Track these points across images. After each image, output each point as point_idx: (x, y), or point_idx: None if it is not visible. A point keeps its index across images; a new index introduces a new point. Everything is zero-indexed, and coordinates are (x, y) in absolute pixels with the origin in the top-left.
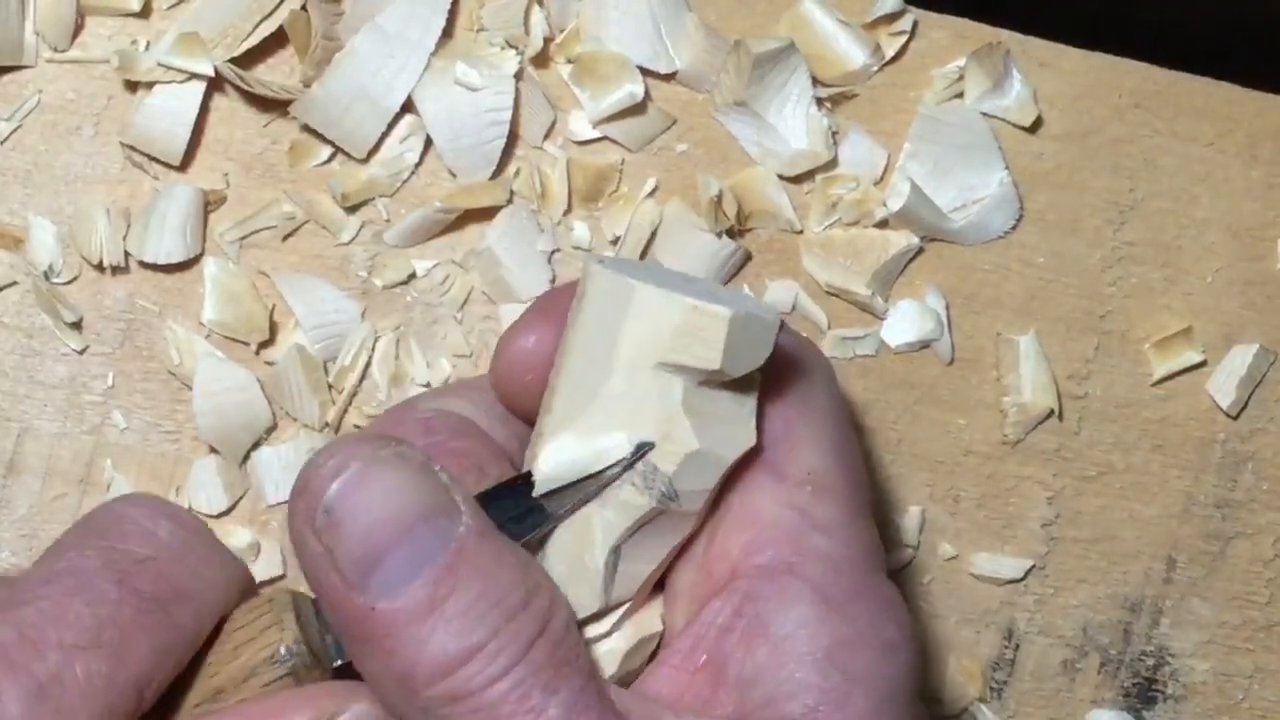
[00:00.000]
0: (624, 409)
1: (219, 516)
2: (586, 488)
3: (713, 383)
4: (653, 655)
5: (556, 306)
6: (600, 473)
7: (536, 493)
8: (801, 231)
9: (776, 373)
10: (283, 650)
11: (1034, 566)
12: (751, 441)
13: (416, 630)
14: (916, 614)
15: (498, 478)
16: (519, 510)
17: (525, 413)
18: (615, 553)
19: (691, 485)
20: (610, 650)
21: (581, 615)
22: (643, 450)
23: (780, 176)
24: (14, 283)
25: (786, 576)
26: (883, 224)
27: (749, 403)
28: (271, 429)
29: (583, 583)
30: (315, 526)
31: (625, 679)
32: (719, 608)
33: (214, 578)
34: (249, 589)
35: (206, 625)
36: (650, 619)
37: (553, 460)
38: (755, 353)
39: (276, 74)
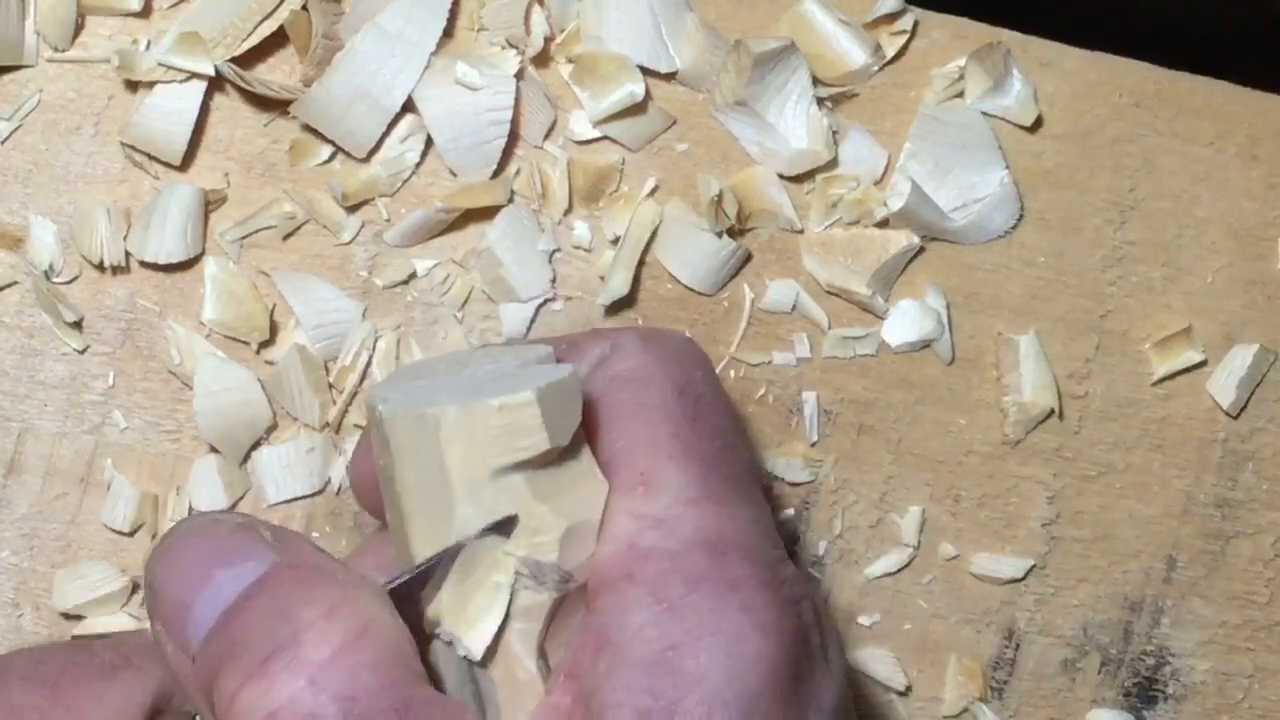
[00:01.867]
0: (482, 532)
1: None
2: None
3: (548, 459)
4: None
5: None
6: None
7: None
8: (802, 231)
9: (600, 395)
10: None
11: (1034, 566)
12: (604, 487)
13: (216, 664)
14: (917, 613)
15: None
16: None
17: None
18: (541, 652)
19: (577, 558)
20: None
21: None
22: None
23: (781, 176)
24: (14, 282)
25: (624, 583)
26: (883, 223)
27: (584, 454)
28: (272, 429)
29: (524, 693)
30: (149, 610)
31: None
32: (580, 627)
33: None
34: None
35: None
36: None
37: (457, 628)
38: (571, 413)
39: (277, 73)
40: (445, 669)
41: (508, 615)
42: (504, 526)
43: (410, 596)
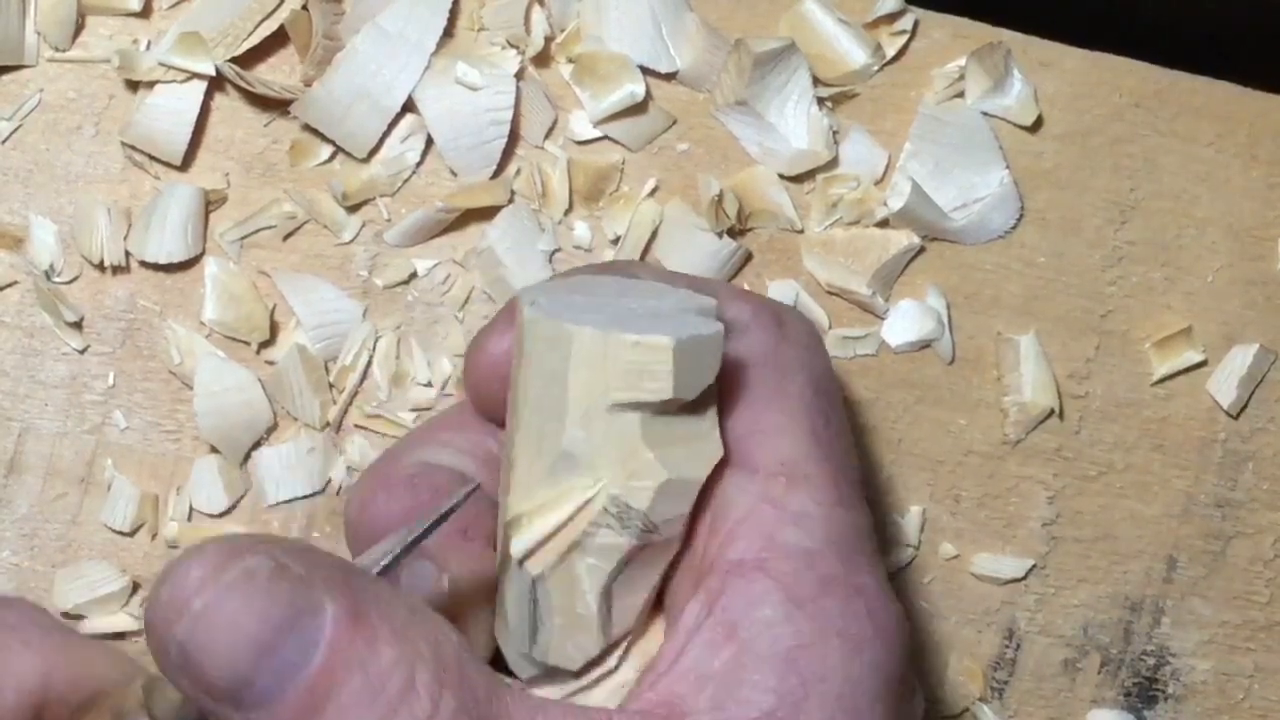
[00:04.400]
0: (586, 456)
1: (219, 516)
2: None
3: (669, 409)
4: None
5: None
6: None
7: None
8: (802, 231)
9: (742, 366)
10: None
11: (1035, 566)
12: (719, 454)
13: None
14: (917, 613)
15: (486, 538)
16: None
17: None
18: (606, 594)
19: (668, 513)
20: (620, 683)
21: (584, 660)
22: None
23: (781, 176)
24: (15, 282)
25: (755, 574)
26: (883, 223)
27: (709, 415)
28: (272, 429)
29: (580, 630)
30: (174, 664)
31: None
32: (694, 609)
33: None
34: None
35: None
36: (653, 642)
37: (526, 533)
38: (705, 371)
39: (277, 73)
40: (509, 581)
41: (582, 547)
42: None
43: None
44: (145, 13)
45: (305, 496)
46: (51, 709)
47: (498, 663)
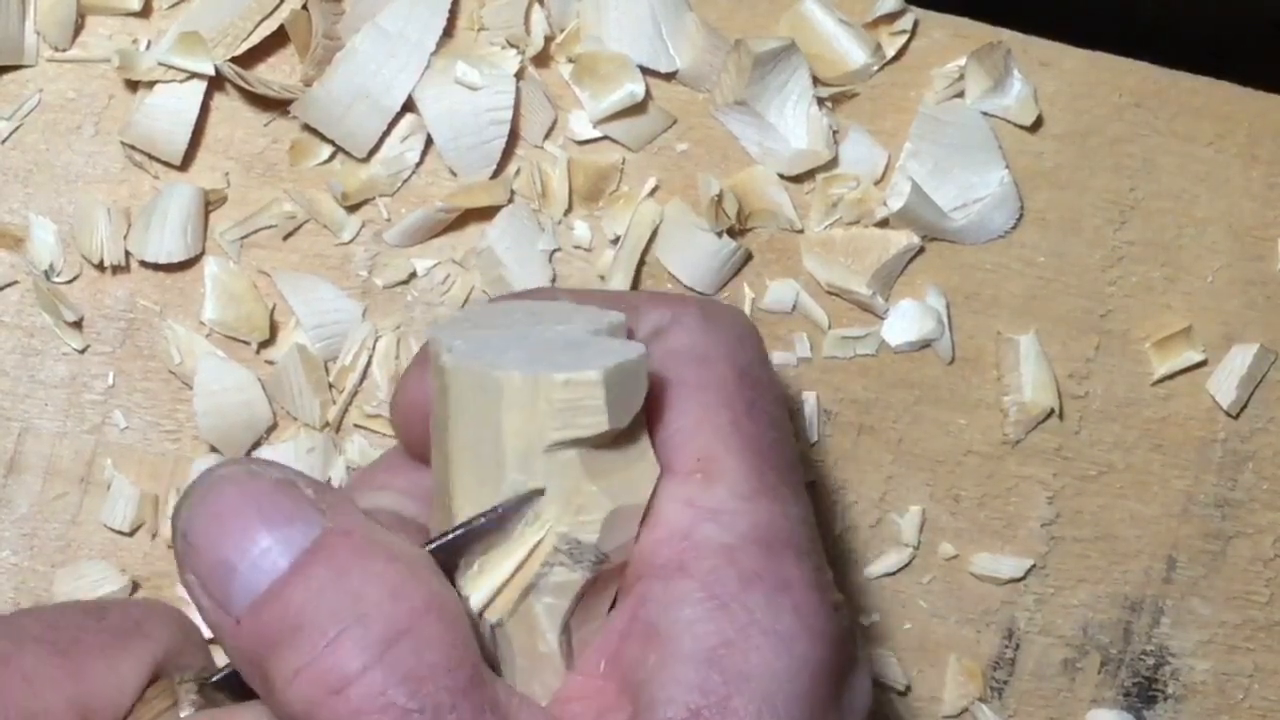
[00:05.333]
0: (526, 499)
1: None
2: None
3: (605, 440)
4: None
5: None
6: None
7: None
8: (802, 231)
9: (664, 369)
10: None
11: (1034, 566)
12: (656, 472)
13: (273, 636)
14: (917, 613)
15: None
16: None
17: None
18: (566, 629)
19: (617, 541)
20: None
21: (550, 695)
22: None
23: (781, 176)
24: (15, 282)
25: (675, 574)
26: (883, 223)
27: (641, 436)
28: (272, 428)
29: (544, 668)
30: (180, 555)
31: None
32: (621, 614)
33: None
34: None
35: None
36: None
37: (482, 582)
38: (634, 395)
39: (277, 73)
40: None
41: (537, 587)
42: (540, 497)
43: (446, 550)
44: (145, 12)
45: None
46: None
47: None
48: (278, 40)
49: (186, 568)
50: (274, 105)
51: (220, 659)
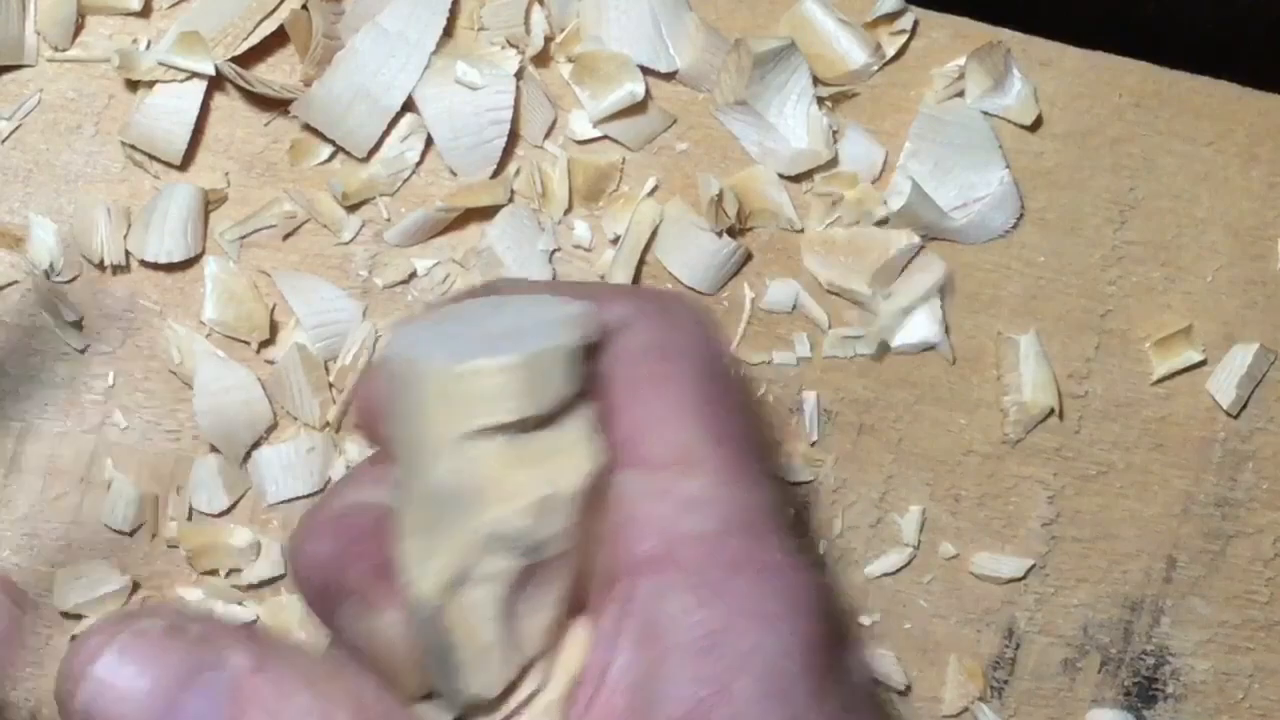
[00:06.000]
0: (458, 489)
1: (220, 515)
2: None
3: (529, 426)
4: None
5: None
6: None
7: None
8: (802, 230)
9: (626, 362)
10: None
11: (1034, 566)
12: (597, 458)
13: None
14: (917, 613)
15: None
16: None
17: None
18: (507, 619)
19: (550, 529)
20: (550, 701)
21: (502, 685)
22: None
23: (781, 176)
24: (14, 282)
25: (660, 567)
26: (883, 223)
27: (580, 421)
28: (272, 428)
29: (488, 658)
30: None
31: None
32: (608, 614)
33: None
34: None
35: None
36: (574, 652)
37: (417, 575)
38: (563, 381)
39: (277, 73)
40: (414, 624)
41: (470, 578)
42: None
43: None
44: (145, 12)
45: (305, 496)
46: None
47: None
48: (278, 40)
49: None
50: (274, 105)
51: None
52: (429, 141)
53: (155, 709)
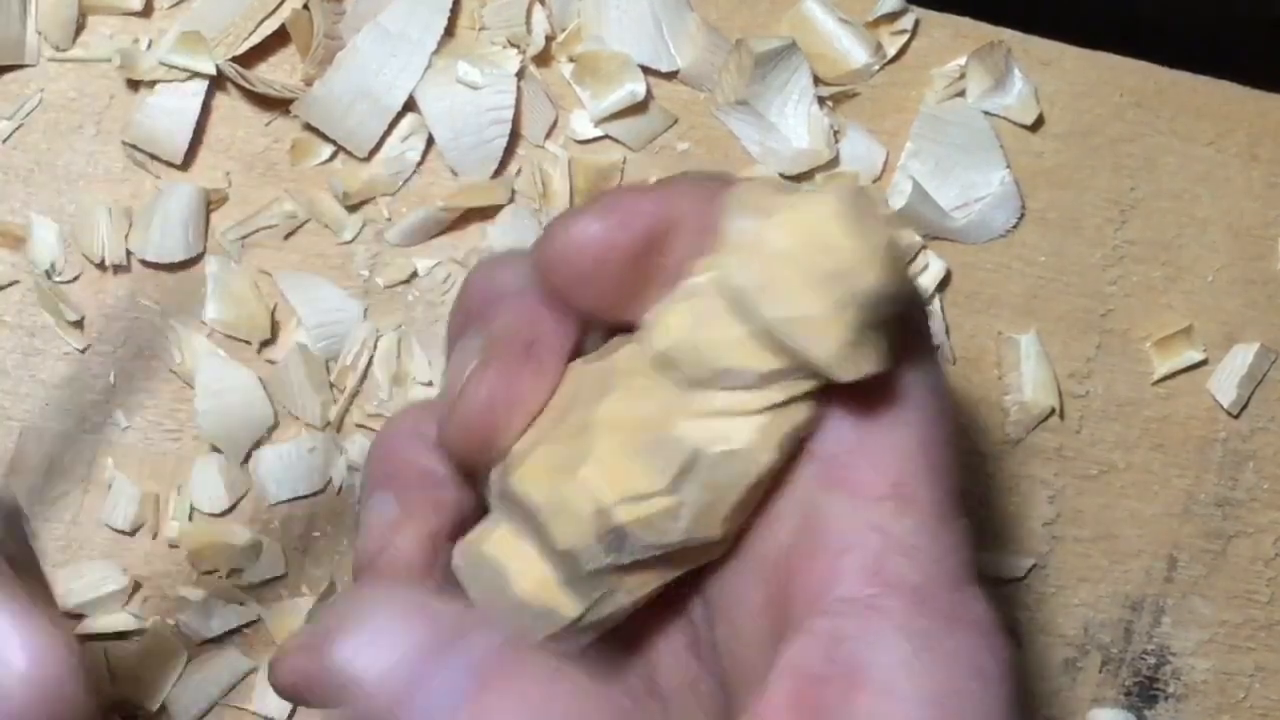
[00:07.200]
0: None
1: (221, 515)
2: None
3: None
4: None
5: (633, 208)
6: None
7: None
8: None
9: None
10: None
11: (1035, 565)
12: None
13: None
14: None
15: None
16: None
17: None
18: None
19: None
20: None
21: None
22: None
23: (782, 175)
24: (15, 281)
25: (872, 612)
26: None
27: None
28: (273, 428)
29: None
30: (335, 693)
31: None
32: (807, 653)
33: None
34: None
35: None
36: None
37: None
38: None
39: (278, 73)
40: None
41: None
42: None
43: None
44: (146, 12)
45: (306, 496)
46: None
47: None
48: (279, 40)
49: (346, 706)
50: (275, 105)
51: None
52: (430, 141)
53: (403, 679)
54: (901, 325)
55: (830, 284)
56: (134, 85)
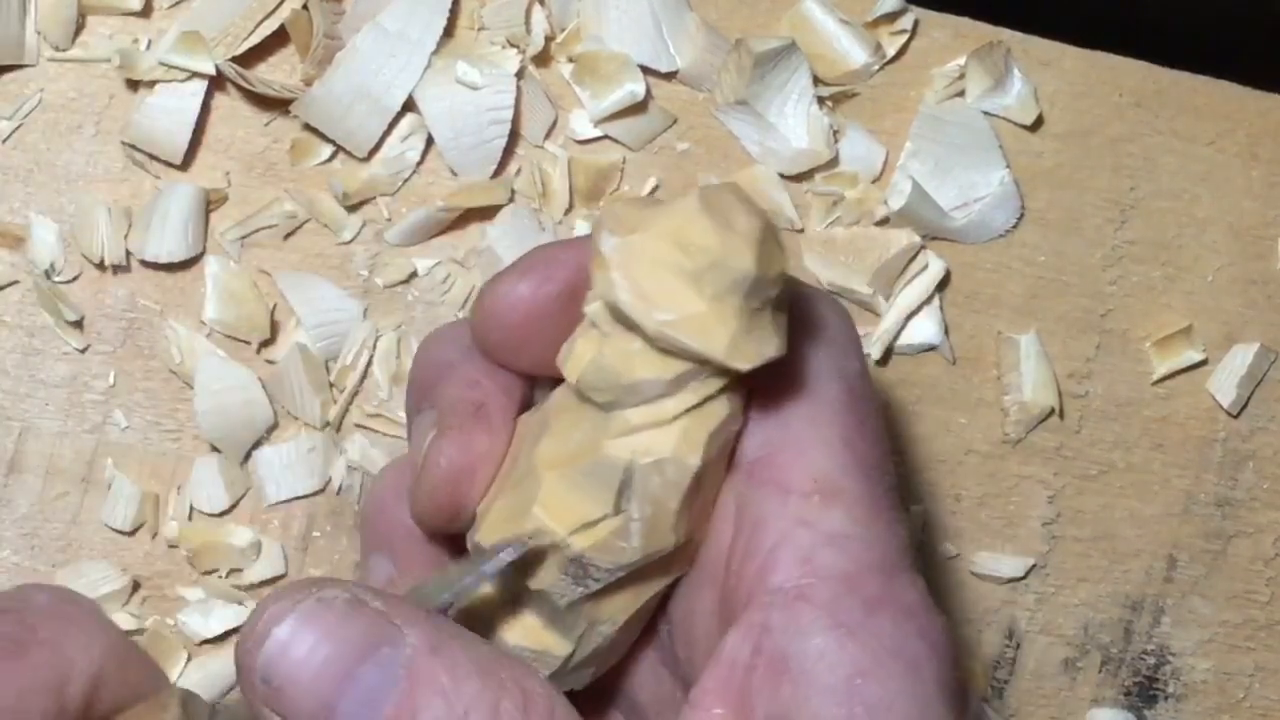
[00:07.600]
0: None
1: (220, 515)
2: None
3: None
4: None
5: (553, 262)
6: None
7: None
8: (803, 230)
9: (772, 367)
10: None
11: (1035, 565)
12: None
13: None
14: None
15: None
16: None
17: (512, 364)
18: (567, 618)
19: (643, 549)
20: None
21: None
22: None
23: (781, 175)
24: (15, 281)
25: (799, 603)
26: (884, 223)
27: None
28: (273, 428)
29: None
30: (261, 699)
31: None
32: (738, 643)
33: (83, 638)
34: (136, 671)
35: (70, 681)
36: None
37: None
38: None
39: (278, 73)
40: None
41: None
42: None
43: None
44: (146, 12)
45: (305, 496)
46: (95, 709)
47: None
48: (278, 40)
49: (270, 705)
50: (275, 105)
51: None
52: (429, 141)
53: (332, 677)
54: (793, 309)
55: (704, 279)
56: (133, 85)
